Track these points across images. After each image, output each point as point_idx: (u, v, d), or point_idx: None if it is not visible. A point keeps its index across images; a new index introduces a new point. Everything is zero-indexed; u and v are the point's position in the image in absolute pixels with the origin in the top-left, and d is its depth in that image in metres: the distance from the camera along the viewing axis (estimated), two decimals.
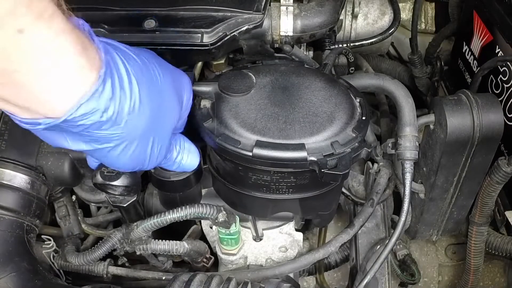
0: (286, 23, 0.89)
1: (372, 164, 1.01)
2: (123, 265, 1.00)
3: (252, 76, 0.80)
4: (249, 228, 0.94)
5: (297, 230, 0.98)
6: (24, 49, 0.46)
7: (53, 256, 0.97)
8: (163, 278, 0.94)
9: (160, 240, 0.89)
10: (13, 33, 0.44)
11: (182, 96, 0.70)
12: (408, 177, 0.85)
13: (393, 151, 0.90)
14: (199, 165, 0.82)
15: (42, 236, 0.97)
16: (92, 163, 0.74)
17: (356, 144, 0.74)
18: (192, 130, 0.77)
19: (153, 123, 0.62)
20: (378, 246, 1.00)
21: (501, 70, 1.00)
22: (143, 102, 0.58)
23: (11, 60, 0.46)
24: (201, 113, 0.77)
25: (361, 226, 0.94)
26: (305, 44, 1.02)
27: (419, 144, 0.87)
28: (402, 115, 0.88)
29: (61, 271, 0.98)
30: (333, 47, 1.07)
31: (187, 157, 0.75)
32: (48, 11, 0.47)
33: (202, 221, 0.98)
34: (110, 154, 0.60)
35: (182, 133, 0.76)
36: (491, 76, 1.04)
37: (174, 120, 0.68)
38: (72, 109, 0.51)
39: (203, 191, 0.91)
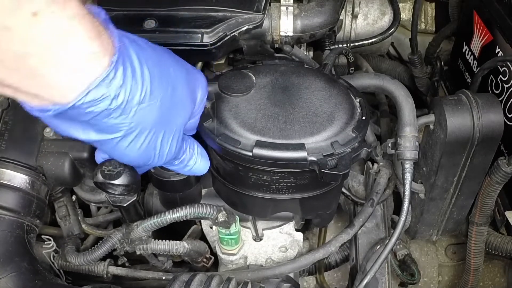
0: (286, 23, 0.89)
1: (372, 164, 1.01)
2: (123, 265, 1.00)
3: (252, 76, 0.80)
4: (249, 228, 0.94)
5: (297, 230, 0.98)
6: (37, 32, 0.46)
7: (53, 256, 0.97)
8: (163, 278, 0.94)
9: (160, 240, 0.89)
10: (28, 16, 0.45)
11: (195, 93, 0.70)
12: (408, 177, 0.85)
13: (393, 151, 0.90)
14: None
15: (42, 236, 0.97)
16: (100, 158, 0.73)
17: (356, 144, 0.74)
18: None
19: (164, 116, 0.61)
20: (378, 246, 1.00)
21: (501, 70, 1.00)
22: (154, 93, 0.58)
23: (24, 44, 0.46)
24: (201, 113, 0.77)
25: (361, 226, 0.94)
26: (305, 44, 1.02)
27: (419, 144, 0.87)
28: (402, 115, 0.88)
29: (61, 271, 0.98)
30: (333, 47, 1.07)
31: (199, 162, 0.75)
32: None
33: (202, 221, 0.98)
34: (119, 145, 0.60)
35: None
36: (491, 76, 1.04)
37: (186, 116, 0.68)
38: (81, 95, 0.51)
39: (203, 191, 0.91)
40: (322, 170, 0.70)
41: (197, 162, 0.75)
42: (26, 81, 0.49)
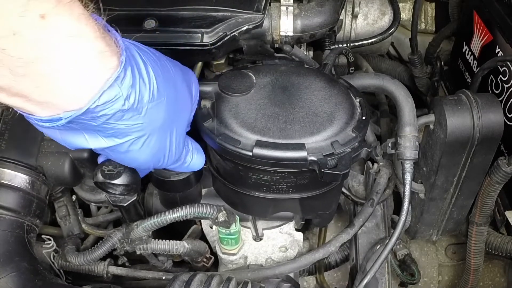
0: (286, 23, 0.89)
1: (372, 164, 1.01)
2: (123, 265, 1.00)
3: (252, 76, 0.80)
4: (249, 228, 0.94)
5: (297, 230, 0.98)
6: (46, 34, 0.45)
7: (53, 256, 0.97)
8: (163, 277, 0.94)
9: (160, 240, 0.89)
10: (36, 19, 0.44)
11: (191, 89, 0.70)
12: (408, 177, 0.85)
13: (393, 151, 0.90)
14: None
15: (42, 236, 0.97)
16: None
17: (356, 144, 0.74)
18: (192, 130, 0.77)
19: (171, 113, 0.61)
20: (378, 246, 1.00)
21: (501, 70, 1.00)
22: (160, 91, 0.58)
23: (33, 48, 0.45)
24: (201, 113, 0.77)
25: (361, 226, 0.94)
26: (305, 44, 1.02)
27: (419, 144, 0.87)
28: (402, 115, 0.88)
29: (61, 271, 0.98)
30: (333, 47, 1.07)
31: (195, 157, 0.75)
32: None
33: (202, 220, 0.98)
34: (131, 148, 0.59)
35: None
36: (491, 76, 1.04)
37: (188, 112, 0.68)
38: (94, 97, 0.50)
39: (203, 191, 0.91)
40: (322, 170, 0.70)
41: (193, 157, 0.74)
42: (37, 87, 0.48)
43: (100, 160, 0.72)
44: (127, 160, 0.63)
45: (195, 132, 0.77)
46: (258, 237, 0.95)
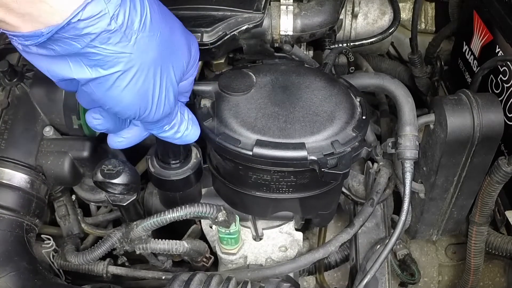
0: (286, 23, 0.89)
1: (372, 164, 1.01)
2: (122, 265, 1.00)
3: (252, 75, 0.80)
4: (249, 227, 0.94)
5: (297, 229, 0.97)
6: None
7: (53, 256, 0.97)
8: (163, 277, 0.94)
9: (159, 240, 0.89)
10: None
11: (190, 46, 0.66)
12: (408, 176, 0.85)
13: (393, 151, 0.90)
14: (200, 163, 0.83)
15: (42, 236, 0.97)
16: (90, 119, 0.68)
17: (356, 143, 0.74)
18: None
19: (163, 55, 0.58)
20: (378, 246, 1.00)
21: (501, 70, 1.00)
22: (154, 24, 0.55)
23: None
24: (201, 112, 0.77)
25: (361, 226, 0.94)
26: (305, 43, 1.02)
27: (419, 144, 0.87)
28: (402, 114, 0.88)
29: (60, 270, 0.98)
30: (333, 46, 1.07)
31: (191, 128, 0.72)
32: None
33: (202, 220, 0.98)
34: (116, 84, 0.55)
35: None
36: (491, 76, 1.04)
37: (183, 64, 0.64)
38: (77, 9, 0.48)
39: (203, 191, 0.91)
40: (322, 169, 0.70)
41: (188, 128, 0.71)
42: None
43: (88, 117, 0.67)
44: (111, 101, 0.58)
45: None
46: (258, 237, 0.94)
